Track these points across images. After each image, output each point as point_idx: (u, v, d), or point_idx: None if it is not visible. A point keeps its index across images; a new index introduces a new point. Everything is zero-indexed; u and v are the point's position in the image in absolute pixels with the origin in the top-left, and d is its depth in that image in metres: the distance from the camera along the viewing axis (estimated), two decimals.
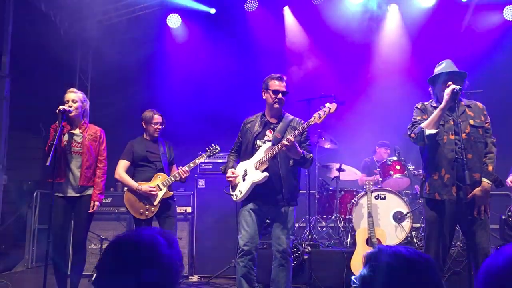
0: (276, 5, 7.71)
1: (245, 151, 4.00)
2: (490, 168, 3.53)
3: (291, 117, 3.99)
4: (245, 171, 3.91)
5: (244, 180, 3.89)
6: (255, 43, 7.60)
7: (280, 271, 3.78)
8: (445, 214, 3.51)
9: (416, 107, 3.75)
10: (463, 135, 3.46)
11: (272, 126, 3.96)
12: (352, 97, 7.24)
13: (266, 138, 3.93)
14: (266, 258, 4.40)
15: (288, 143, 3.56)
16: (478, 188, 3.46)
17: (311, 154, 3.86)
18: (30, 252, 6.78)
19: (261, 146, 3.90)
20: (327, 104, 3.57)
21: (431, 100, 3.77)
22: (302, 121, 3.91)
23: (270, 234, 3.98)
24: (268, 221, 4.25)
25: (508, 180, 4.68)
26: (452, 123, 3.53)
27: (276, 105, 3.92)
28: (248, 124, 4.08)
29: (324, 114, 3.55)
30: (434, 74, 3.69)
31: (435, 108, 3.57)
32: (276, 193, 3.80)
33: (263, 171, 3.78)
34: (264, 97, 4.00)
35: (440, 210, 3.53)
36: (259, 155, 3.85)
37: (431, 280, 1.24)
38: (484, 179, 3.50)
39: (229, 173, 3.99)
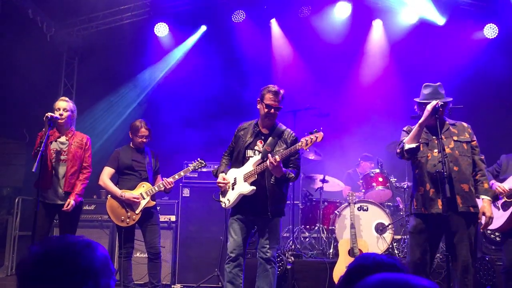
0: (263, 17, 7.80)
1: (236, 159, 4.06)
2: (486, 185, 3.71)
3: (283, 128, 4.05)
4: (235, 179, 3.97)
5: (233, 189, 3.96)
6: (242, 54, 7.66)
7: (265, 277, 3.86)
8: (431, 227, 3.62)
9: (403, 130, 3.95)
10: (447, 149, 3.63)
11: (263, 137, 4.02)
12: (337, 109, 7.36)
13: (256, 148, 3.99)
14: (251, 268, 4.42)
15: (274, 163, 3.66)
16: (484, 205, 3.63)
17: (293, 174, 3.91)
18: (10, 259, 6.64)
19: (251, 156, 3.96)
20: (315, 132, 3.72)
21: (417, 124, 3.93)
22: (293, 133, 4.00)
23: (255, 243, 4.03)
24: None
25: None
26: (436, 141, 3.69)
27: (267, 120, 4.00)
28: (242, 131, 4.12)
29: (310, 142, 3.70)
30: (420, 97, 3.85)
31: None
32: (261, 205, 3.87)
33: (251, 183, 3.85)
34: (258, 107, 4.03)
35: (425, 223, 3.64)
36: (248, 167, 3.91)
37: None
38: (484, 197, 3.66)
39: (220, 178, 4.04)
